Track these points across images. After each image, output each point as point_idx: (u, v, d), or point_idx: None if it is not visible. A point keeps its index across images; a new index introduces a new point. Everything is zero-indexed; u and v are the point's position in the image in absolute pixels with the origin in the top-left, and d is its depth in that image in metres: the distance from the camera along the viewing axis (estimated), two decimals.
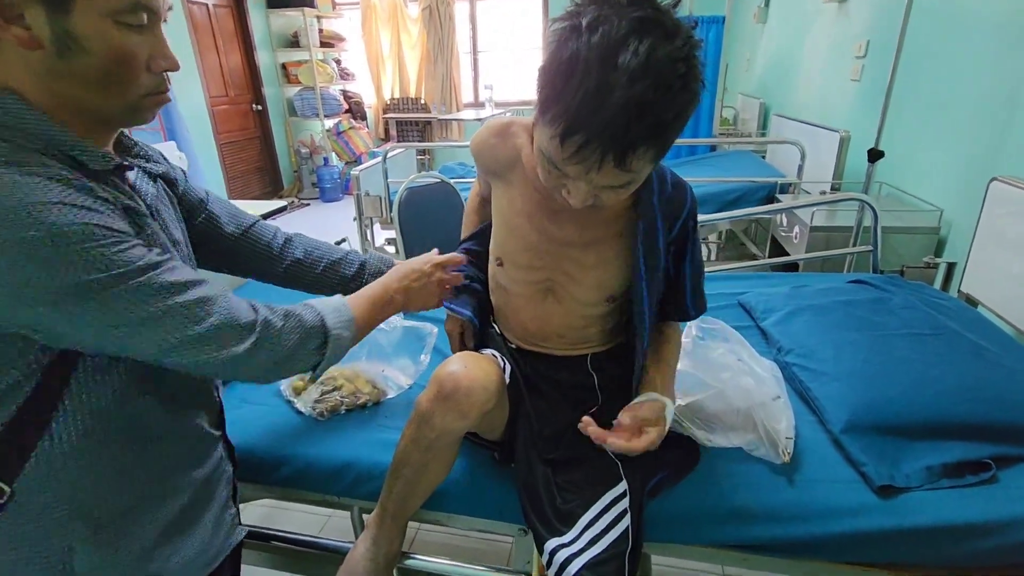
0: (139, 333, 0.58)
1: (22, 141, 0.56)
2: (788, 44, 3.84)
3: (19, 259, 0.50)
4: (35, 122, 0.57)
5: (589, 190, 0.69)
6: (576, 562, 0.76)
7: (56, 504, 0.61)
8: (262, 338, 0.67)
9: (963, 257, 1.75)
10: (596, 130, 0.61)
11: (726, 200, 2.86)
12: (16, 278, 0.51)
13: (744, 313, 1.51)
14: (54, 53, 0.56)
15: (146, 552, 0.67)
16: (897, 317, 1.26)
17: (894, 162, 2.39)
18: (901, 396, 0.99)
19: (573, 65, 0.60)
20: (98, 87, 0.59)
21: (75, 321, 0.55)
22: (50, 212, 0.51)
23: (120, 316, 0.56)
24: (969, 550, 0.82)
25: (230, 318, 0.64)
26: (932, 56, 2.25)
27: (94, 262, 0.54)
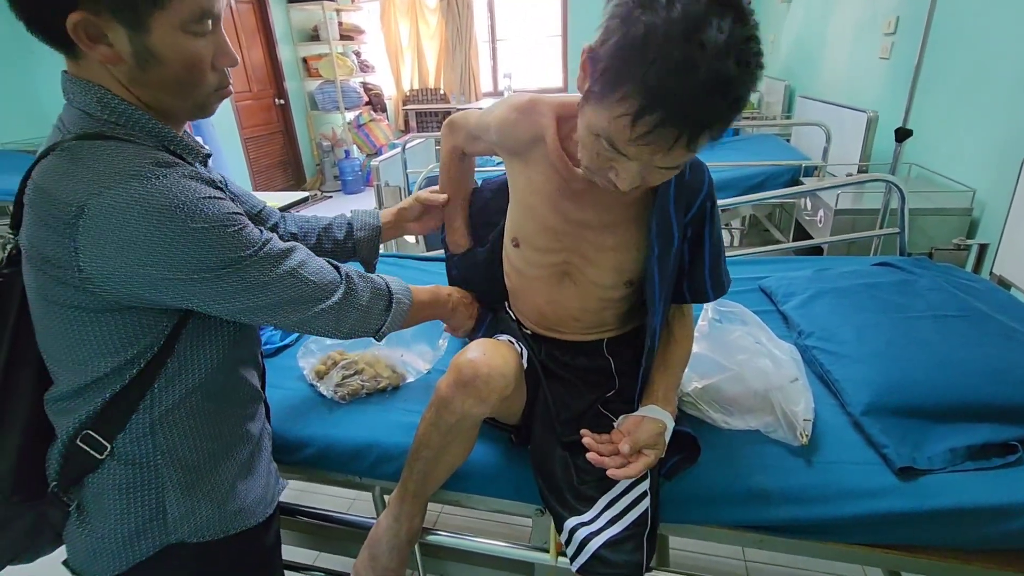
0: (264, 294, 0.68)
1: (143, 139, 0.64)
2: (814, 23, 3.73)
3: (190, 246, 0.60)
4: (145, 120, 0.65)
5: (640, 172, 0.68)
6: (595, 540, 0.78)
7: (151, 456, 0.70)
8: (347, 292, 0.78)
9: (996, 238, 1.69)
10: (677, 108, 0.59)
11: (749, 184, 2.81)
12: (188, 261, 0.61)
13: (765, 297, 1.49)
14: (135, 65, 0.62)
15: (228, 492, 0.76)
16: (923, 299, 1.23)
17: (924, 142, 2.31)
18: (925, 378, 0.97)
19: (650, 41, 0.57)
20: (173, 91, 0.66)
21: (225, 291, 0.65)
22: (206, 206, 0.62)
23: (254, 282, 0.67)
24: (992, 533, 0.80)
25: (323, 275, 0.75)
26: (964, 31, 2.16)
27: (240, 242, 0.65)
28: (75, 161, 0.59)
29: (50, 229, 0.58)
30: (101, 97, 0.62)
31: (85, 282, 0.60)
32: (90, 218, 0.57)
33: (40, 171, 0.60)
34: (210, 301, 0.65)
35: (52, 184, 0.59)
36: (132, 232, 0.58)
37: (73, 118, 0.63)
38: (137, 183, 0.58)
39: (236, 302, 0.67)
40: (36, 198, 0.60)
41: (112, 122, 0.63)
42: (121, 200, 0.57)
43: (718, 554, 1.51)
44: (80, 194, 0.57)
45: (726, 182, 2.79)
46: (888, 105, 2.59)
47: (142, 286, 0.61)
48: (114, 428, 0.67)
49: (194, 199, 0.61)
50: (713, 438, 0.95)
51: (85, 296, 0.61)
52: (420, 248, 2.31)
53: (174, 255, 0.60)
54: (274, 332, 1.35)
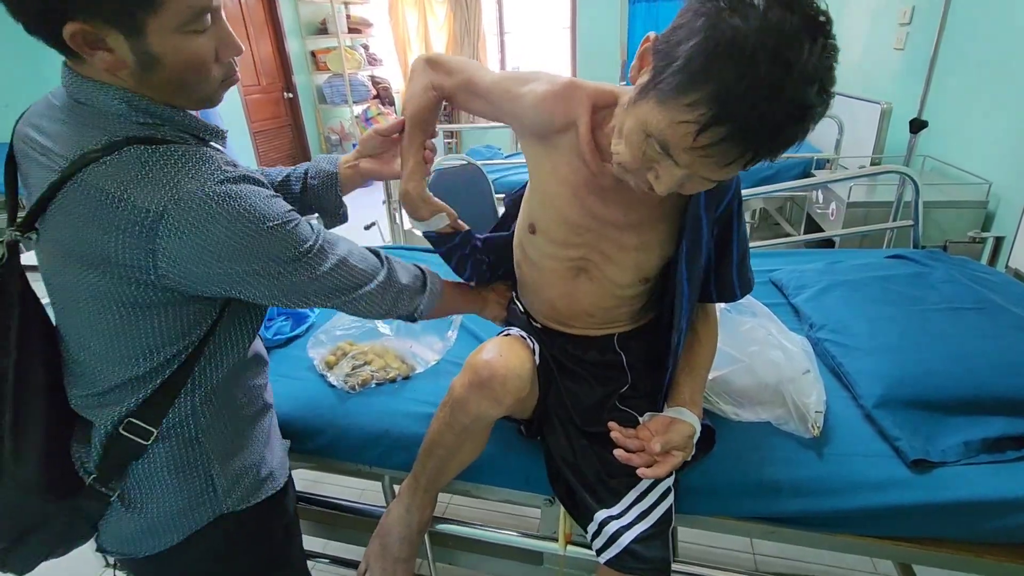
0: (320, 283, 0.71)
1: (184, 136, 0.66)
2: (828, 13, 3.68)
3: (265, 245, 0.64)
4: (172, 113, 0.66)
5: (682, 179, 0.65)
6: (627, 535, 0.78)
7: (195, 435, 0.73)
8: (388, 274, 0.81)
9: (1012, 231, 1.67)
10: (750, 127, 0.56)
11: (759, 177, 2.78)
12: (263, 259, 0.65)
13: (775, 290, 1.48)
14: (138, 69, 0.61)
15: (260, 460, 0.81)
16: (937, 291, 1.22)
17: (939, 134, 2.28)
18: (939, 370, 0.96)
19: (737, 50, 0.53)
20: (179, 89, 0.65)
21: (291, 283, 0.69)
22: (272, 205, 0.66)
23: (314, 273, 0.70)
24: (1006, 525, 0.80)
25: (367, 260, 0.79)
26: (981, 21, 2.12)
27: (302, 236, 0.68)
28: (145, 166, 0.60)
29: (121, 232, 0.59)
30: (128, 99, 0.62)
31: (161, 279, 0.62)
32: (171, 223, 0.59)
33: (100, 176, 0.59)
34: (277, 293, 0.69)
35: (123, 190, 0.58)
36: (213, 235, 0.60)
37: (95, 118, 0.62)
38: (215, 188, 0.61)
39: (297, 292, 0.70)
40: (100, 203, 0.59)
41: (149, 123, 0.64)
42: (202, 205, 0.60)
43: (727, 546, 1.50)
44: (160, 200, 0.58)
45: None
46: (902, 96, 2.55)
47: (219, 284, 0.64)
48: (159, 413, 0.69)
49: (263, 199, 0.64)
50: (724, 430, 0.94)
51: (154, 293, 0.63)
52: None
53: (252, 254, 0.63)
54: (284, 322, 1.36)
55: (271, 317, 1.36)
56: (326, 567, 1.46)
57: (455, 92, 0.89)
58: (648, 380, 0.93)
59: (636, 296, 0.90)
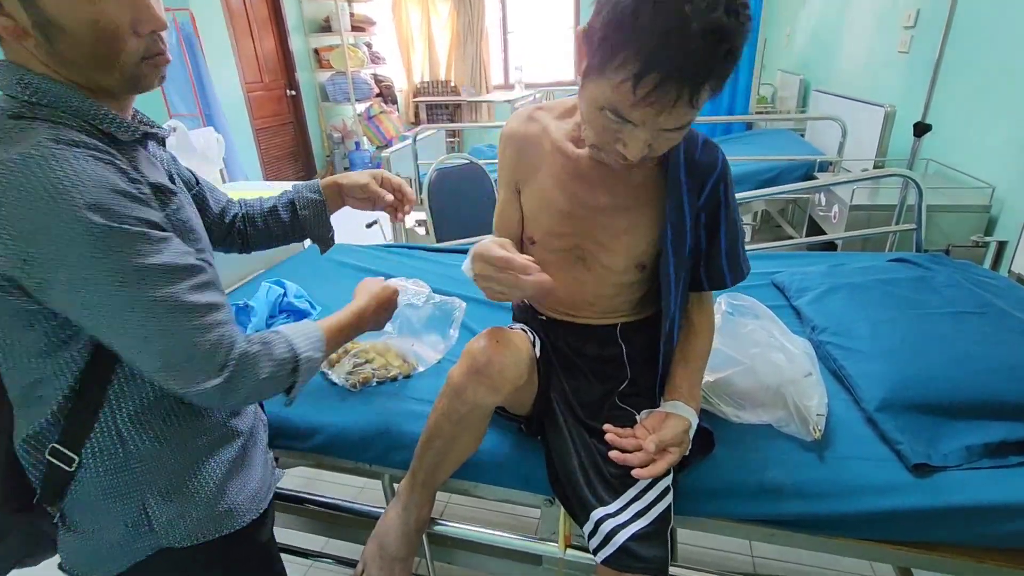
0: (140, 319, 0.59)
1: (67, 119, 0.59)
2: (831, 17, 3.68)
3: (68, 237, 0.54)
4: (69, 96, 0.59)
5: (647, 139, 0.69)
6: (623, 533, 0.77)
7: (125, 463, 0.67)
8: (235, 371, 0.65)
9: (1015, 236, 1.66)
10: (675, 65, 0.60)
11: (761, 179, 2.79)
12: (63, 255, 0.54)
13: (777, 292, 1.48)
14: (43, 39, 0.56)
15: (216, 493, 0.72)
16: (940, 295, 1.22)
17: (943, 138, 2.27)
18: (941, 374, 0.96)
19: (641, 5, 0.60)
20: (90, 64, 0.59)
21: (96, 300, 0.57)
22: (103, 196, 0.56)
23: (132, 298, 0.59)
24: (1007, 531, 0.79)
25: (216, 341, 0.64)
26: (986, 25, 2.12)
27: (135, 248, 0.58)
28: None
29: None
30: (21, 77, 0.58)
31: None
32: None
33: None
34: (79, 308, 0.58)
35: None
36: (7, 211, 0.52)
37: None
38: (26, 149, 0.53)
39: (101, 317, 0.58)
40: None
41: (32, 102, 0.58)
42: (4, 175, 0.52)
43: (726, 549, 1.50)
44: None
45: (739, 177, 2.77)
46: (906, 100, 2.54)
47: (16, 273, 0.56)
48: (78, 438, 0.64)
49: (87, 183, 0.55)
50: (725, 432, 0.94)
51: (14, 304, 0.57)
52: (431, 239, 2.31)
53: (45, 243, 0.54)
54: (287, 320, 1.36)
55: (273, 315, 1.36)
56: (327, 566, 1.46)
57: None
58: (648, 376, 0.93)
59: (635, 284, 0.92)
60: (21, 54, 0.58)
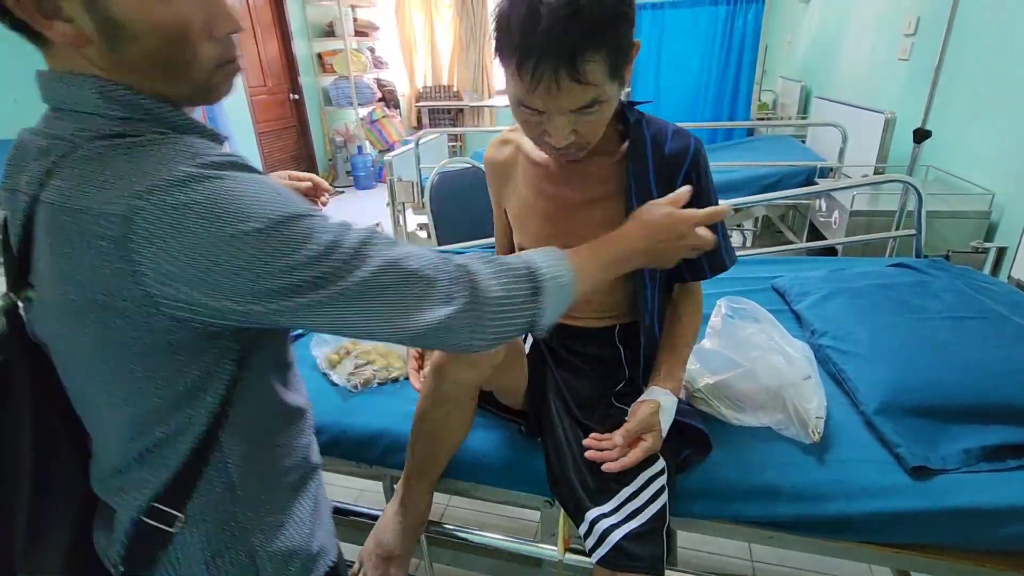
0: (355, 300, 0.53)
1: (171, 136, 0.51)
2: (832, 24, 3.70)
3: (253, 249, 0.48)
4: (160, 109, 0.52)
5: (565, 122, 0.73)
6: (616, 533, 0.78)
7: (232, 519, 0.60)
8: (471, 291, 0.58)
9: (1015, 242, 1.67)
10: (540, 47, 0.66)
11: (762, 185, 2.79)
12: (256, 265, 0.48)
13: (777, 297, 1.48)
14: (104, 45, 0.49)
15: (309, 533, 0.66)
16: (939, 300, 1.22)
17: (943, 144, 2.28)
18: (940, 378, 0.96)
19: (505, 10, 0.69)
20: (160, 72, 0.51)
21: (302, 303, 0.51)
22: (267, 197, 0.50)
23: (339, 284, 0.53)
24: (1006, 534, 0.80)
25: (436, 266, 0.58)
26: (986, 32, 2.13)
27: (312, 237, 0.52)
28: (103, 162, 0.47)
29: (91, 253, 0.46)
30: (102, 88, 0.49)
31: (157, 306, 0.48)
32: (145, 225, 0.45)
33: (57, 189, 0.47)
34: (300, 317, 0.51)
35: (80, 197, 0.46)
36: (191, 236, 0.46)
37: (71, 125, 0.50)
38: (188, 171, 0.47)
39: (327, 317, 0.52)
40: (68, 225, 0.46)
41: (127, 118, 0.50)
42: (175, 195, 0.46)
43: (725, 553, 1.50)
44: (124, 198, 0.45)
45: (739, 182, 2.78)
46: (906, 106, 2.55)
47: (219, 308, 0.49)
48: (185, 493, 0.56)
49: (255, 191, 0.49)
50: (724, 434, 0.95)
51: (147, 332, 0.49)
52: (432, 242, 2.32)
53: (241, 263, 0.47)
54: None
55: None
56: None
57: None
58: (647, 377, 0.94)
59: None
60: (78, 64, 0.50)
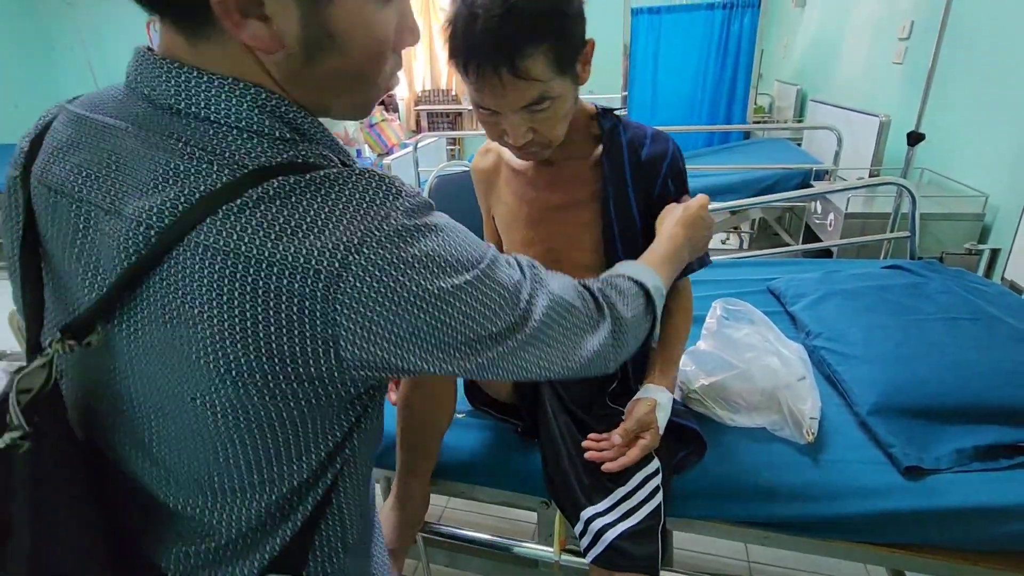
0: (530, 346, 0.51)
1: (323, 156, 0.44)
2: (828, 28, 3.72)
3: (471, 300, 0.45)
4: (322, 132, 0.46)
5: (519, 120, 0.74)
6: (612, 532, 0.78)
7: (343, 570, 0.55)
8: (610, 312, 0.59)
9: (1008, 244, 1.68)
10: (480, 47, 0.68)
11: (758, 188, 2.81)
12: (474, 318, 0.45)
13: (773, 299, 1.49)
14: (299, 55, 0.42)
15: (380, 558, 0.64)
16: (933, 302, 1.23)
17: (937, 147, 2.30)
18: (933, 378, 0.97)
19: (451, 13, 0.71)
20: (343, 87, 0.46)
21: (495, 355, 0.48)
22: (473, 240, 0.49)
23: (525, 332, 0.51)
24: (998, 533, 0.80)
25: (579, 296, 0.57)
26: (978, 36, 2.15)
27: (513, 283, 0.51)
28: (301, 205, 0.39)
29: (288, 316, 0.38)
30: (267, 104, 0.42)
31: (334, 368, 0.41)
32: (354, 282, 0.39)
33: (232, 232, 0.38)
34: (473, 367, 0.47)
35: (275, 248, 0.38)
36: (406, 293, 0.40)
37: (202, 138, 0.40)
38: (405, 222, 0.41)
39: (496, 366, 0.48)
40: (238, 275, 0.38)
41: (290, 140, 0.43)
42: (392, 250, 0.40)
43: (721, 554, 1.50)
44: (335, 251, 0.38)
45: (735, 185, 2.79)
46: (901, 110, 2.57)
47: (403, 365, 0.43)
48: (301, 556, 0.50)
49: (462, 236, 0.46)
50: (719, 435, 0.95)
51: (313, 396, 0.43)
52: None
53: (457, 318, 0.44)
54: None
55: None
56: None
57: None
58: (640, 377, 0.94)
59: None
60: (240, 68, 0.42)
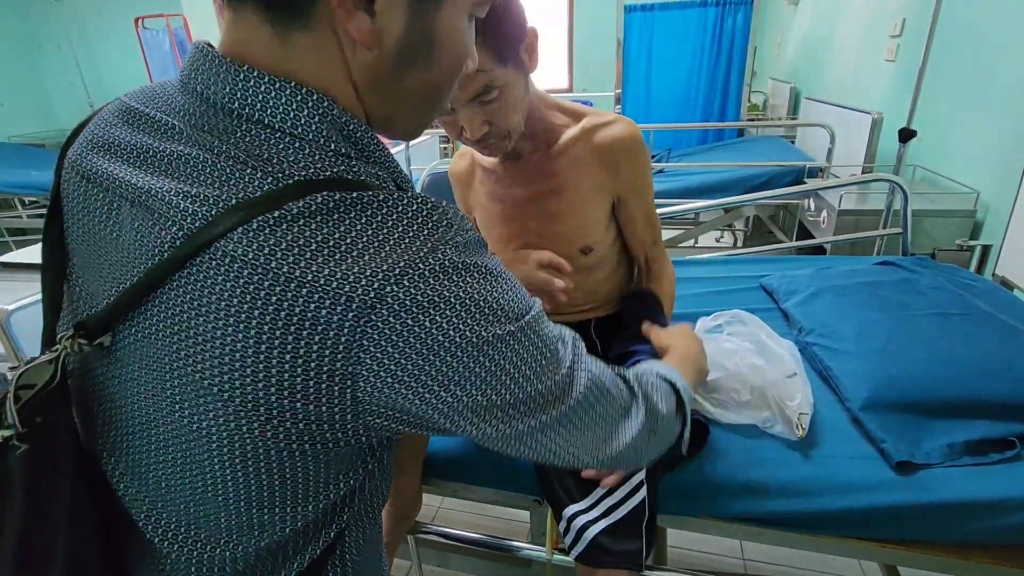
0: (566, 423, 0.46)
1: (378, 175, 0.41)
2: (821, 26, 3.73)
3: (515, 357, 0.40)
4: (376, 144, 0.43)
5: (471, 114, 0.75)
6: (593, 528, 0.78)
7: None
8: (644, 399, 0.53)
9: (999, 240, 1.69)
10: None
11: (752, 185, 2.81)
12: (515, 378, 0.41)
13: (766, 296, 1.49)
14: (391, 59, 0.40)
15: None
16: (925, 297, 1.23)
17: (929, 145, 2.31)
18: (925, 374, 0.97)
19: None
20: (419, 100, 0.44)
21: (528, 425, 0.44)
22: (519, 289, 0.44)
23: (565, 403, 0.46)
24: (989, 527, 0.80)
25: (615, 381, 0.52)
26: (969, 34, 2.16)
27: (557, 346, 0.46)
28: (342, 225, 0.35)
29: (309, 344, 0.35)
30: (328, 112, 0.39)
31: (348, 411, 0.37)
32: (388, 317, 0.35)
33: (261, 245, 0.34)
34: (498, 436, 0.43)
35: (307, 268, 0.34)
36: (441, 336, 0.36)
37: (256, 142, 0.38)
38: (454, 258, 0.37)
39: (526, 438, 0.44)
40: (260, 293, 0.34)
41: (346, 155, 0.39)
42: (434, 287, 0.36)
43: (716, 551, 1.51)
44: (371, 279, 0.34)
45: (729, 182, 2.80)
46: (893, 107, 2.58)
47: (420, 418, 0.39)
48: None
49: (510, 285, 0.42)
50: (711, 432, 0.95)
51: (320, 442, 0.39)
52: None
53: (495, 372, 0.39)
54: None
55: None
56: None
57: None
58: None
59: (589, 269, 0.96)
60: (325, 63, 0.39)
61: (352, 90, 0.41)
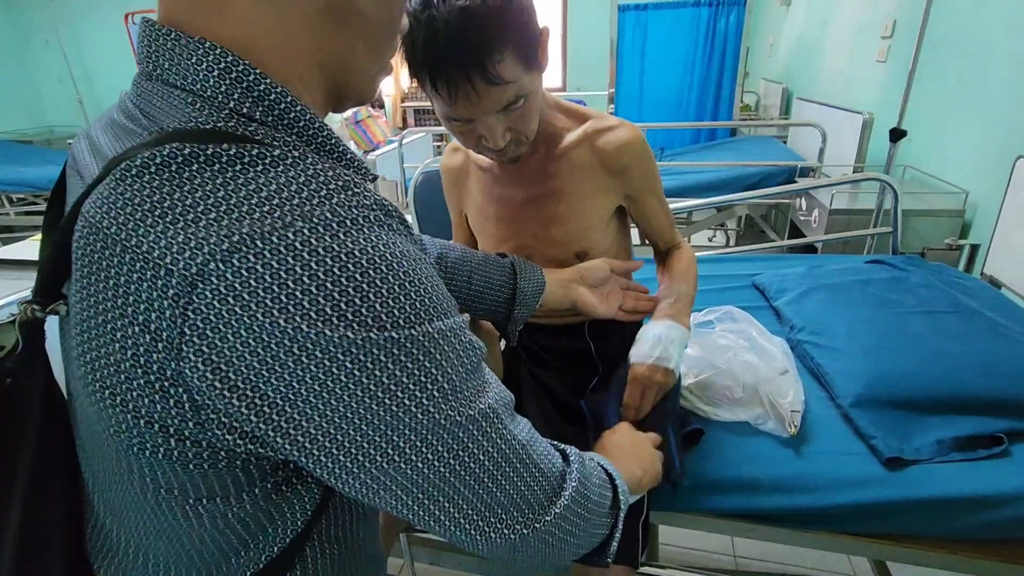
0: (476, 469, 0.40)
1: (309, 154, 0.36)
2: (813, 27, 3.75)
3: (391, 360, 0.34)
4: (300, 112, 0.37)
5: (495, 124, 0.73)
6: None
7: None
8: (578, 479, 0.47)
9: (987, 239, 1.71)
10: (446, 60, 0.66)
11: (744, 185, 2.82)
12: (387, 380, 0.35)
13: (758, 294, 1.50)
14: (323, 9, 0.36)
15: None
16: (914, 295, 1.24)
17: (919, 145, 2.33)
18: (914, 370, 0.98)
19: (407, 31, 0.69)
20: (374, 42, 0.40)
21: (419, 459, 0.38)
22: (437, 285, 0.39)
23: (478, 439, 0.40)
24: (977, 522, 0.81)
25: (548, 455, 0.47)
26: (958, 35, 2.18)
27: (469, 365, 0.42)
28: (180, 181, 0.31)
29: (126, 316, 0.30)
30: (229, 67, 0.34)
31: (193, 417, 0.32)
32: (214, 291, 0.29)
33: (97, 204, 0.31)
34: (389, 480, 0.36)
35: (131, 230, 0.30)
36: (295, 328, 0.30)
37: (170, 108, 0.34)
38: (319, 229, 0.31)
39: (424, 482, 0.37)
40: (99, 258, 0.31)
41: (247, 115, 0.35)
42: (279, 258, 0.30)
43: (708, 549, 1.51)
44: (199, 247, 0.29)
45: (722, 182, 2.81)
46: (884, 108, 2.60)
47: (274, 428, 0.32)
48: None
49: (421, 267, 0.36)
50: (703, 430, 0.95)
51: (177, 448, 0.33)
52: None
53: (359, 372, 0.32)
54: None
55: None
56: None
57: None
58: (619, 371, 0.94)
59: None
60: (253, 29, 0.35)
61: (289, 35, 0.36)
